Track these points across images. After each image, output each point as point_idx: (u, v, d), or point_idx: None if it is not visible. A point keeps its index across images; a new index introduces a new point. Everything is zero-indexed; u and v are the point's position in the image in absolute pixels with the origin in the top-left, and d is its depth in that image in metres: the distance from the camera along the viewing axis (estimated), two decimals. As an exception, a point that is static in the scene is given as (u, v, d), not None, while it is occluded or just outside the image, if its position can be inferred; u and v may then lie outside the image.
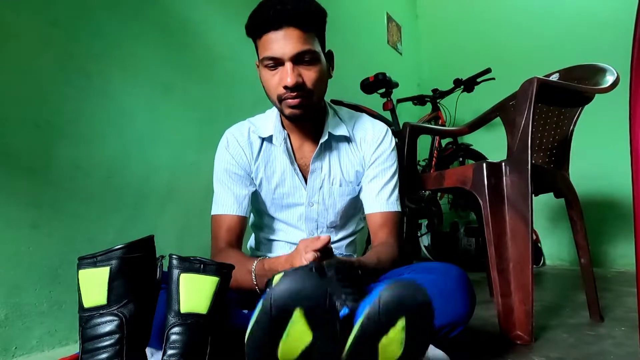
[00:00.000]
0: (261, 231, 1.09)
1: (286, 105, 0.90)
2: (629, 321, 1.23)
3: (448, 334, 0.80)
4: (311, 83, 0.88)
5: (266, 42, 0.86)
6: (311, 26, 0.87)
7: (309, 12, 0.86)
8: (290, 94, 0.87)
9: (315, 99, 0.92)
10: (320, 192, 1.02)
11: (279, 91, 0.88)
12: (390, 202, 1.03)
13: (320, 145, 0.99)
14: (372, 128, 1.06)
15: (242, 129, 1.02)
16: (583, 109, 1.35)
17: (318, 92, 0.92)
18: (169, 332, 0.59)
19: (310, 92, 0.89)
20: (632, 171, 0.73)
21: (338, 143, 1.03)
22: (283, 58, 0.85)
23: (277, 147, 1.00)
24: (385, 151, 1.04)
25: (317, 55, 0.88)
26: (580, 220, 1.30)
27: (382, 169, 1.04)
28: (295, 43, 0.84)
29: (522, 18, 2.85)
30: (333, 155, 1.03)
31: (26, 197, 1.03)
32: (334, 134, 1.01)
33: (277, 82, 0.88)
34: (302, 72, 0.87)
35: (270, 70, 0.88)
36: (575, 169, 1.40)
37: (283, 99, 0.89)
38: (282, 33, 0.84)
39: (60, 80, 1.12)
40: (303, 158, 1.02)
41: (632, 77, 0.72)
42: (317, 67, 0.89)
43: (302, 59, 0.86)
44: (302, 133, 1.01)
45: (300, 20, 0.84)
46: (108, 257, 0.57)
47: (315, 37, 0.88)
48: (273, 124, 1.00)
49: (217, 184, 1.02)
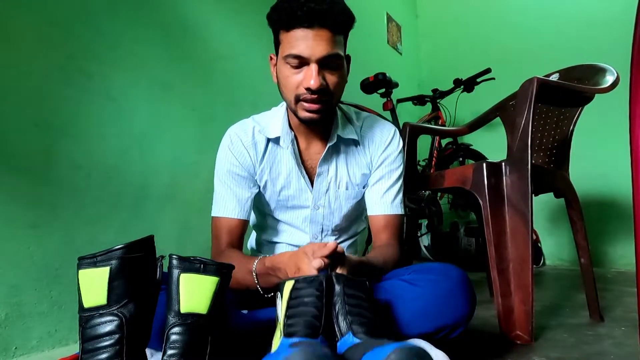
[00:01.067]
0: (263, 232, 1.08)
1: (302, 107, 0.87)
2: (629, 321, 1.23)
3: (448, 335, 0.80)
4: (333, 87, 0.86)
5: (293, 38, 0.81)
6: (341, 29, 0.85)
7: (342, 15, 0.83)
8: (311, 97, 0.84)
9: (334, 103, 0.90)
10: (326, 196, 1.00)
11: (299, 91, 0.85)
12: (395, 205, 1.02)
13: (328, 149, 0.97)
14: (381, 130, 1.04)
15: (246, 128, 0.99)
16: (583, 109, 1.35)
17: (337, 97, 0.90)
18: (169, 332, 0.59)
19: (331, 97, 0.87)
20: (632, 171, 0.73)
21: (346, 146, 1.01)
22: (310, 59, 0.81)
23: (284, 149, 0.97)
24: (392, 153, 1.03)
25: (342, 61, 0.87)
26: (580, 220, 1.30)
27: (389, 171, 1.02)
28: (325, 45, 0.81)
29: (522, 18, 2.85)
30: (340, 158, 1.00)
31: (26, 197, 1.03)
32: (342, 137, 0.98)
33: (299, 82, 0.84)
34: (326, 76, 0.84)
35: (293, 68, 0.84)
36: (575, 169, 1.40)
37: (301, 100, 0.86)
38: (313, 32, 0.80)
39: (60, 80, 1.12)
40: (310, 160, 1.00)
41: (632, 77, 0.72)
42: (341, 73, 0.87)
43: (328, 63, 0.83)
44: (310, 135, 0.98)
45: (334, 22, 0.81)
46: (108, 257, 0.57)
47: (342, 41, 0.87)
48: (280, 125, 0.97)
49: (219, 185, 0.99)
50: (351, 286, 0.67)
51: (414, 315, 0.77)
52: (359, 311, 0.64)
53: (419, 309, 0.78)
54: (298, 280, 0.66)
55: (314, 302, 0.63)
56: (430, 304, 0.78)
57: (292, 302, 0.64)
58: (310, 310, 0.62)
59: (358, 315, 0.63)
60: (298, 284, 0.66)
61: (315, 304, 0.63)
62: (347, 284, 0.67)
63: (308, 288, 0.65)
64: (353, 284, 0.67)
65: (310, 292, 0.64)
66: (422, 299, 0.78)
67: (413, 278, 0.82)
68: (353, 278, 0.69)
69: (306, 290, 0.65)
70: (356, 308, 0.65)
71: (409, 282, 0.81)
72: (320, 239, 1.03)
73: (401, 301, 0.78)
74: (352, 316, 0.63)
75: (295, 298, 0.64)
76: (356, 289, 0.67)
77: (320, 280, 0.66)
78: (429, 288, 0.79)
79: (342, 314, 0.64)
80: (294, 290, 0.65)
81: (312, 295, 0.64)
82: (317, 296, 0.64)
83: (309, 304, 0.63)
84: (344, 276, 0.68)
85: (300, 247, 0.79)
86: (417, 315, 0.77)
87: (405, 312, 0.77)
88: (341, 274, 0.69)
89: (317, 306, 0.63)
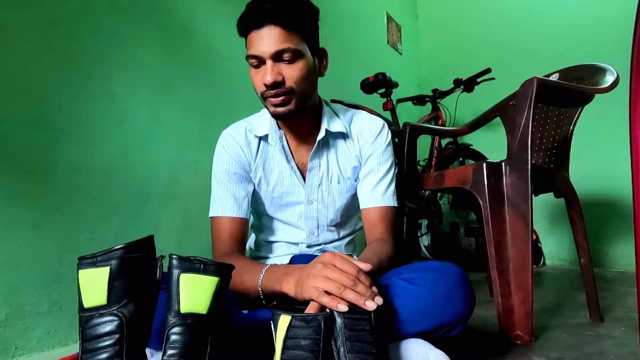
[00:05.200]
0: (261, 233, 1.09)
1: (269, 103, 0.90)
2: (629, 321, 1.23)
3: (447, 334, 0.80)
4: (292, 81, 0.87)
5: (250, 40, 0.87)
6: (293, 24, 0.86)
7: (289, 10, 0.84)
8: (271, 92, 0.87)
9: (300, 96, 0.90)
10: (319, 190, 1.02)
11: (261, 89, 0.89)
12: (386, 197, 1.02)
13: (318, 143, 0.99)
14: (369, 123, 1.05)
15: (238, 128, 1.02)
16: (583, 109, 1.35)
17: (301, 90, 0.89)
18: (169, 332, 0.59)
19: (291, 89, 0.88)
20: (632, 171, 0.73)
21: (335, 140, 1.03)
22: (263, 56, 0.85)
23: (273, 146, 1.00)
24: (381, 145, 1.04)
25: (299, 54, 0.87)
26: (580, 220, 1.30)
27: (378, 163, 1.03)
28: (274, 41, 0.84)
29: (523, 18, 2.85)
30: (330, 152, 1.03)
31: (26, 198, 1.03)
32: (330, 131, 1.00)
33: (260, 80, 0.88)
34: (283, 70, 0.86)
35: (254, 68, 0.89)
36: (575, 169, 1.40)
37: (266, 97, 0.89)
38: (263, 32, 0.84)
39: (60, 80, 1.12)
40: (300, 157, 1.02)
41: (632, 77, 0.72)
42: (299, 65, 0.87)
43: (282, 57, 0.86)
44: (298, 131, 1.01)
45: (280, 18, 0.84)
46: (108, 257, 0.57)
47: (298, 35, 0.87)
48: (268, 123, 1.00)
49: (216, 186, 1.01)
50: (353, 319, 0.64)
51: (413, 314, 0.77)
52: (361, 346, 0.62)
53: (418, 307, 0.78)
54: (295, 317, 0.62)
55: (310, 346, 0.60)
56: (429, 302, 0.78)
57: (289, 342, 0.61)
58: (307, 356, 0.60)
59: (360, 352, 0.61)
60: (295, 321, 0.62)
61: (311, 348, 0.60)
62: (348, 317, 0.64)
63: (306, 329, 0.62)
64: (355, 317, 0.64)
65: (308, 333, 0.61)
66: (421, 298, 0.78)
67: (412, 277, 0.82)
68: (355, 309, 0.65)
69: (303, 331, 0.61)
70: (357, 343, 0.62)
71: (408, 280, 0.81)
72: (317, 235, 1.04)
73: (400, 300, 0.78)
74: (352, 354, 0.61)
75: (291, 338, 0.61)
76: (359, 323, 0.64)
77: (319, 322, 0.62)
78: (428, 286, 0.79)
79: (343, 352, 0.62)
80: (290, 328, 0.62)
81: (310, 338, 0.61)
82: (314, 340, 0.61)
83: (305, 347, 0.60)
84: (345, 316, 0.64)
85: (317, 258, 0.75)
86: (416, 313, 0.77)
87: (405, 310, 0.77)
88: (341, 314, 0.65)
89: (314, 351, 0.60)
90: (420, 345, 0.75)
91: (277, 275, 0.79)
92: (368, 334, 0.64)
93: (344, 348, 0.62)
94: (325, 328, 0.62)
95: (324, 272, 0.69)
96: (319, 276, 0.69)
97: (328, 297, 0.66)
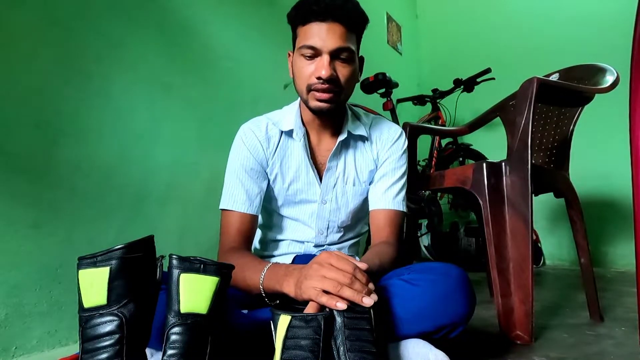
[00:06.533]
0: (269, 231, 1.08)
1: (314, 97, 0.91)
2: (629, 321, 1.23)
3: (448, 335, 0.80)
4: (344, 80, 0.90)
5: (308, 30, 0.88)
6: (354, 26, 0.90)
7: (355, 12, 0.89)
8: (322, 86, 0.89)
9: (343, 97, 0.93)
10: (334, 191, 1.03)
11: (311, 81, 0.90)
12: (397, 202, 1.03)
13: (339, 144, 1.01)
14: (388, 128, 1.09)
15: (259, 123, 1.02)
16: (583, 109, 1.35)
17: (347, 90, 0.93)
18: (169, 332, 0.59)
19: (341, 88, 0.91)
20: (632, 171, 0.73)
21: (355, 142, 1.05)
22: (322, 50, 0.87)
23: (296, 142, 1.01)
24: (397, 151, 1.06)
25: (353, 56, 0.91)
26: (580, 220, 1.30)
27: (393, 168, 1.05)
28: (337, 38, 0.86)
29: (522, 18, 2.85)
30: (349, 154, 1.04)
31: (26, 198, 1.03)
32: (353, 133, 1.02)
33: (311, 72, 0.89)
34: (337, 68, 0.89)
35: (306, 59, 0.89)
36: (575, 169, 1.40)
37: (312, 89, 0.90)
38: (326, 25, 0.86)
39: (60, 80, 1.12)
40: (320, 156, 1.03)
41: (632, 77, 0.72)
42: (351, 67, 0.91)
43: (339, 56, 0.88)
44: (321, 130, 1.02)
45: (347, 17, 0.87)
46: (108, 257, 0.57)
47: (355, 38, 0.91)
48: (293, 119, 1.01)
49: (230, 179, 1.00)
50: (353, 318, 0.64)
51: (413, 315, 0.77)
52: (361, 345, 0.62)
53: (419, 308, 0.78)
54: (295, 317, 0.62)
55: (310, 346, 0.60)
56: (430, 303, 0.78)
57: (289, 342, 0.61)
58: (306, 356, 0.60)
59: (359, 351, 0.61)
60: (295, 321, 0.62)
61: (311, 348, 0.60)
62: (348, 315, 0.64)
63: (305, 329, 0.61)
64: (355, 316, 0.64)
65: (308, 333, 0.61)
66: (422, 299, 0.78)
67: (413, 278, 0.82)
68: (354, 309, 0.65)
69: (303, 331, 0.61)
70: (357, 342, 0.62)
71: (408, 281, 0.81)
72: (326, 235, 1.05)
73: (401, 300, 0.78)
74: (352, 353, 0.61)
75: (291, 338, 0.61)
76: (358, 322, 0.64)
77: (319, 322, 0.62)
78: (428, 287, 0.79)
79: (343, 351, 0.62)
80: (290, 328, 0.62)
81: (309, 338, 0.61)
82: (314, 340, 0.61)
83: (305, 347, 0.60)
84: (345, 315, 0.64)
85: (312, 262, 0.75)
86: (416, 314, 0.77)
87: (405, 311, 0.77)
88: (342, 312, 0.65)
89: (313, 351, 0.60)
90: (420, 345, 0.75)
91: (278, 276, 0.79)
92: (368, 333, 0.64)
93: (344, 347, 0.62)
94: (325, 328, 0.62)
95: (320, 272, 0.70)
96: (316, 276, 0.70)
97: (327, 297, 0.66)
